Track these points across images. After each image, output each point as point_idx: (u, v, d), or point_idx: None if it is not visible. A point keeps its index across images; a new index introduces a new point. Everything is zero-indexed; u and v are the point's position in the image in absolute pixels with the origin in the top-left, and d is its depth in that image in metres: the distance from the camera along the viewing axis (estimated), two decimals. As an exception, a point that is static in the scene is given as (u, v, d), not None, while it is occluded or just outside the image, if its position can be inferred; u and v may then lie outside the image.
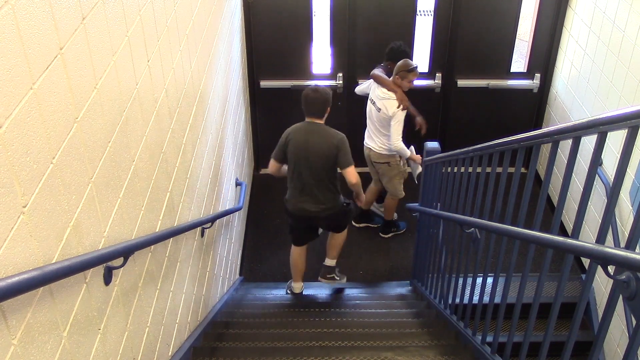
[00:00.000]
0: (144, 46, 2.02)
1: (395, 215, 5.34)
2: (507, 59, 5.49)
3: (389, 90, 4.46)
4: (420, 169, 4.66)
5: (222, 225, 3.88)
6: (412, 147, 4.68)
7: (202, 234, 3.12)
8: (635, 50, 3.73)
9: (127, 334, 1.87)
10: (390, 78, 4.51)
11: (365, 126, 4.79)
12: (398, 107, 4.41)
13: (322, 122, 3.80)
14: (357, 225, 5.29)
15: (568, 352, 2.07)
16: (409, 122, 4.70)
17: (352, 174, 3.73)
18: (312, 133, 3.75)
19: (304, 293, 4.39)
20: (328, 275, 4.38)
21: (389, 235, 5.25)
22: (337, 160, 3.72)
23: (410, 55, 4.78)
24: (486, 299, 2.87)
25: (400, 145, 4.50)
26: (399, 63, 4.44)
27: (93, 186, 1.56)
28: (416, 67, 4.45)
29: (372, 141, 4.71)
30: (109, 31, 1.68)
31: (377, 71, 4.59)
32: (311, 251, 5.08)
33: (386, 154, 4.67)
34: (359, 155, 4.61)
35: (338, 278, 4.46)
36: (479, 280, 2.96)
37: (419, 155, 4.62)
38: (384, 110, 4.48)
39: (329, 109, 3.80)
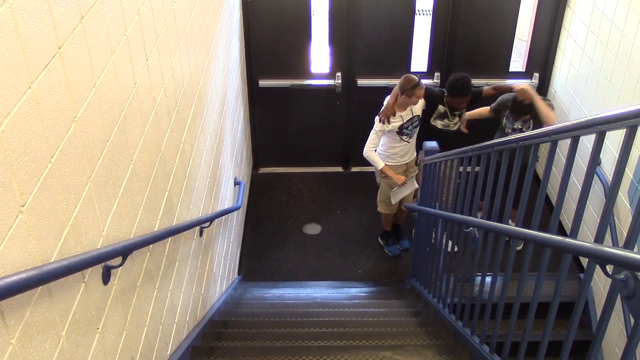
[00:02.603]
0: (142, 45, 2.02)
1: (402, 241, 5.19)
2: (505, 59, 5.50)
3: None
4: (400, 194, 4.49)
5: (220, 224, 3.88)
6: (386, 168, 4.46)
7: (201, 234, 3.12)
8: (634, 49, 3.74)
9: (125, 333, 1.87)
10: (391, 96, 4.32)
11: (365, 126, 4.77)
12: (379, 115, 4.33)
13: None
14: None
15: (566, 351, 2.07)
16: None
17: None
18: None
19: (302, 294, 4.41)
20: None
21: (381, 242, 5.19)
22: None
23: (469, 90, 4.44)
24: (485, 298, 2.87)
25: (369, 154, 4.41)
26: (402, 82, 4.18)
27: (91, 185, 1.56)
28: (419, 82, 4.16)
29: None
30: (107, 30, 1.68)
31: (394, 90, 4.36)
32: (311, 251, 5.10)
33: None
34: (360, 154, 4.59)
35: None
36: (478, 279, 2.96)
37: (401, 177, 4.40)
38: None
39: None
